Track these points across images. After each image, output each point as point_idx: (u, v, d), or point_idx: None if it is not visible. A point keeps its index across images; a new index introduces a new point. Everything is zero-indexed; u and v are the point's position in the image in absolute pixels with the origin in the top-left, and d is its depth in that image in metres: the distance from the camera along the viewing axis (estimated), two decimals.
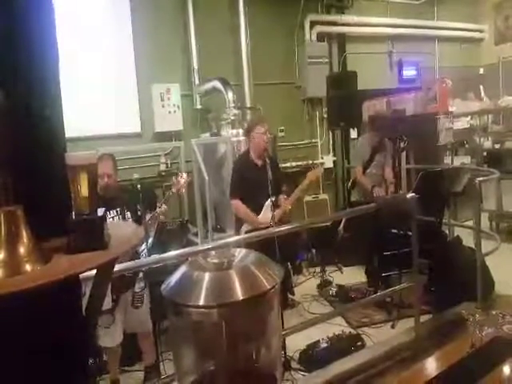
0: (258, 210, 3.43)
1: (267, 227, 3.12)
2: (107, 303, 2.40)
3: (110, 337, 2.57)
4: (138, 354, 2.95)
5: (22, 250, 0.78)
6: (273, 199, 3.19)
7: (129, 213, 2.71)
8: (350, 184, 4.59)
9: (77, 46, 4.02)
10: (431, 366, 1.85)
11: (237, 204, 3.47)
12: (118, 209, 2.67)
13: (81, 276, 0.88)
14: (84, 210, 0.89)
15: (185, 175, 3.00)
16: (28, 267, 0.76)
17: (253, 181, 3.36)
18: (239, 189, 3.46)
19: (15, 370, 0.88)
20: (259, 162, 3.46)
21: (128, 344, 2.76)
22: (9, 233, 0.77)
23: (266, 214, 3.33)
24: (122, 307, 2.60)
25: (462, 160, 5.58)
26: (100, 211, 0.92)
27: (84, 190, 0.89)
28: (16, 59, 0.89)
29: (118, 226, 1.51)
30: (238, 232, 3.58)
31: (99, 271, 0.94)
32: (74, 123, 2.89)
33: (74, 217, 0.89)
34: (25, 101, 0.91)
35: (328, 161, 5.86)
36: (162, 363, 2.53)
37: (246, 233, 3.34)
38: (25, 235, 0.79)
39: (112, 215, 2.67)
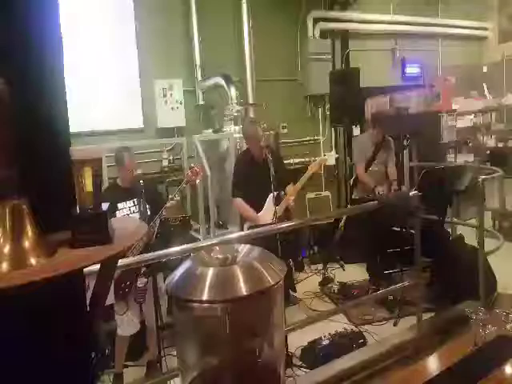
0: (261, 206, 3.43)
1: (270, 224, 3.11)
2: (110, 299, 2.42)
3: (125, 325, 2.67)
4: (140, 350, 2.97)
5: (27, 243, 0.77)
6: (275, 193, 3.18)
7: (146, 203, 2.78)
8: (351, 181, 4.58)
9: (80, 42, 4.01)
10: (433, 364, 1.84)
11: (238, 203, 3.47)
12: (135, 199, 2.74)
13: (85, 270, 0.88)
14: (88, 204, 0.89)
15: (197, 168, 3.04)
16: (33, 261, 0.76)
17: (254, 178, 3.36)
18: (240, 188, 3.46)
19: (18, 363, 0.88)
20: (260, 159, 3.45)
21: (132, 339, 2.79)
22: (14, 226, 0.77)
23: (269, 211, 3.33)
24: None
25: (465, 158, 5.57)
26: (104, 206, 0.92)
27: (88, 185, 0.89)
28: (19, 56, 0.89)
29: (123, 221, 1.52)
30: (242, 228, 3.58)
31: (103, 265, 0.94)
32: (77, 118, 2.90)
33: (78, 211, 0.89)
34: (29, 97, 0.91)
35: (330, 158, 5.84)
36: (164, 358, 2.54)
37: (249, 229, 3.34)
38: (30, 229, 0.79)
39: (129, 205, 2.79)
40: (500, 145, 5.79)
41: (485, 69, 7.35)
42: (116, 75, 4.43)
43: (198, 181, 3.10)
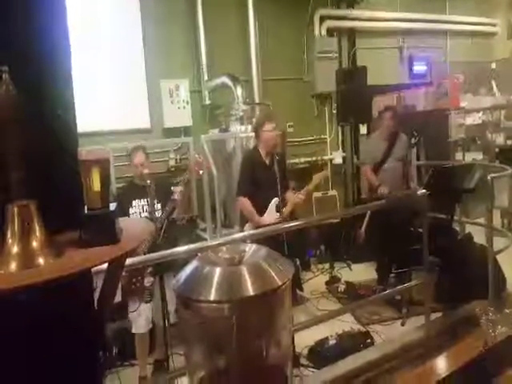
0: (265, 207, 3.40)
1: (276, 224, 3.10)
2: (118, 298, 2.44)
3: (140, 321, 2.73)
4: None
5: (35, 243, 0.78)
6: (280, 200, 3.16)
7: (160, 204, 2.82)
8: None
9: (86, 42, 4.02)
10: (442, 364, 1.83)
11: (243, 202, 3.43)
12: (148, 198, 2.76)
13: (93, 269, 0.88)
14: (96, 204, 0.90)
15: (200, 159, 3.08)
16: (41, 260, 0.77)
17: (261, 179, 3.33)
18: (247, 186, 3.42)
19: (26, 362, 0.89)
20: (268, 160, 3.43)
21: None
22: (22, 227, 0.78)
23: (271, 214, 3.29)
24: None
25: (473, 156, 5.51)
26: (112, 206, 0.92)
27: (96, 185, 0.90)
28: (29, 62, 0.89)
29: (130, 221, 1.53)
30: (242, 228, 3.55)
31: (111, 265, 0.94)
32: (84, 119, 2.93)
33: (86, 211, 0.90)
34: (39, 99, 0.91)
35: (337, 157, 5.82)
36: (171, 357, 2.54)
37: (254, 229, 3.32)
38: (38, 229, 0.79)
39: (143, 203, 2.85)
40: (509, 142, 5.72)
41: (493, 65, 7.26)
42: (123, 76, 4.44)
43: (201, 171, 3.15)
